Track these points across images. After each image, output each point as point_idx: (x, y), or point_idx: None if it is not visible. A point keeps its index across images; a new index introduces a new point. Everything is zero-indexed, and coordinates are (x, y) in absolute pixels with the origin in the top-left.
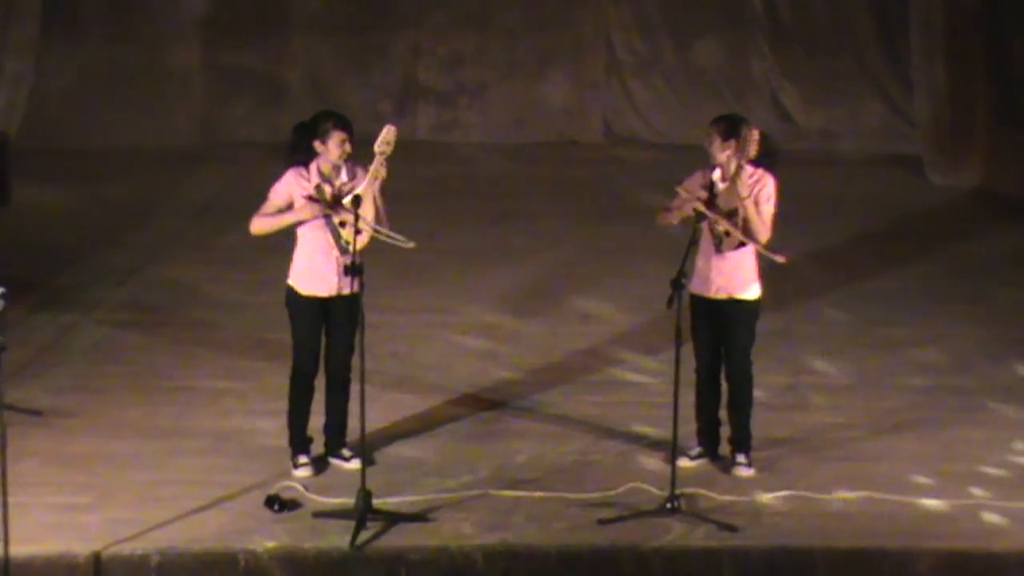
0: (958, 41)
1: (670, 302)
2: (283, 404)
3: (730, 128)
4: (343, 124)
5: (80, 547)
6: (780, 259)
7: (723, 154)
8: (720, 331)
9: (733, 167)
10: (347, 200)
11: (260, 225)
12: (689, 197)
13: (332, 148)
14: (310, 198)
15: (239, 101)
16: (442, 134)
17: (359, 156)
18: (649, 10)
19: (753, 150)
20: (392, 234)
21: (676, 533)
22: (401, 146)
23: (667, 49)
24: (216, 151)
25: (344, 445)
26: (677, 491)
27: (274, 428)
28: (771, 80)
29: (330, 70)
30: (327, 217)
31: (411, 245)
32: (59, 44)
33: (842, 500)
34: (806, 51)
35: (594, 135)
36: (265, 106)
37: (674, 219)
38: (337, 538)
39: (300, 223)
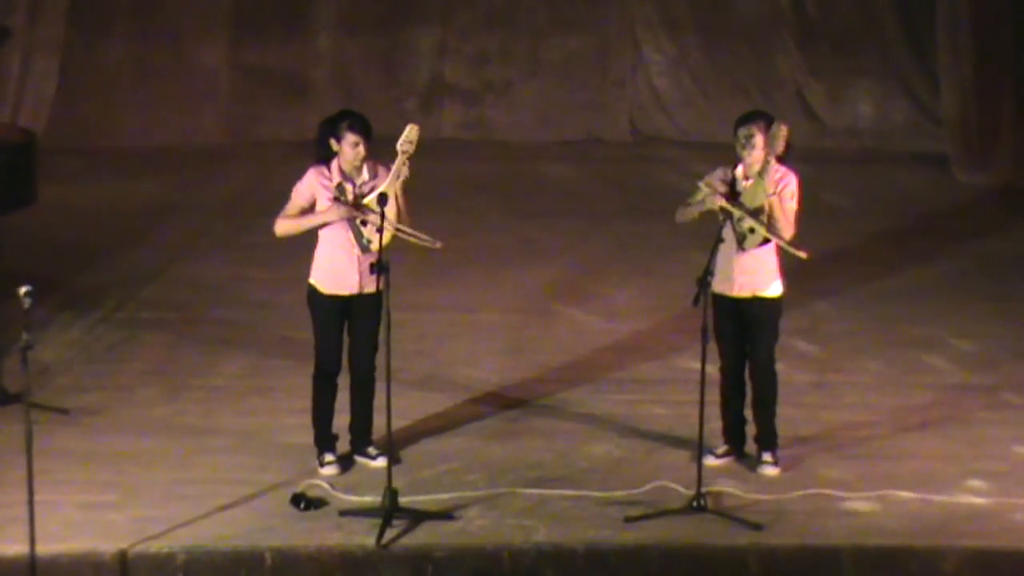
0: (985, 38)
1: (696, 300)
2: (309, 402)
3: (769, 126)
4: (358, 127)
5: (106, 545)
6: (803, 255)
7: (758, 153)
8: (744, 329)
9: (759, 164)
10: (371, 198)
11: (284, 227)
12: (711, 192)
13: (346, 149)
14: (336, 199)
15: (265, 99)
16: (468, 132)
17: (383, 154)
18: (675, 8)
19: (781, 147)
20: (419, 234)
21: (702, 532)
22: (427, 144)
23: (693, 47)
24: (242, 149)
25: (370, 443)
26: (703, 489)
27: (300, 426)
28: (797, 78)
29: (356, 68)
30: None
31: (439, 245)
32: (85, 42)
33: (868, 498)
34: (832, 48)
35: (620, 133)
36: (291, 104)
37: (694, 214)
38: (363, 536)
39: (324, 225)
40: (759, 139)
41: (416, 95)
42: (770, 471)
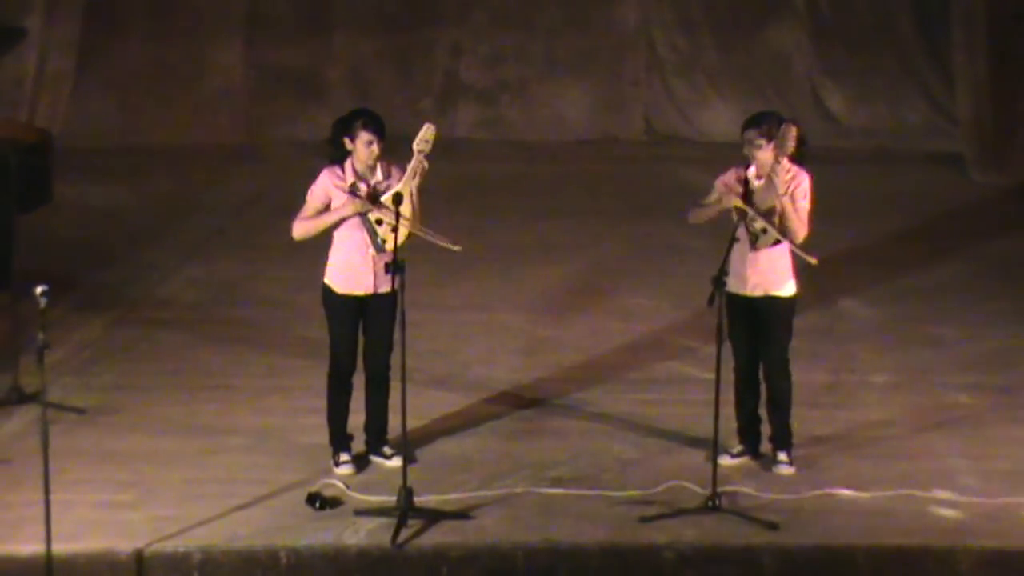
0: (1000, 37)
1: (711, 300)
2: (324, 402)
3: (773, 128)
4: (372, 126)
5: (122, 544)
6: (813, 260)
7: (767, 154)
8: (757, 329)
9: (768, 167)
10: (386, 197)
11: (302, 228)
12: (726, 191)
13: (359, 148)
14: (352, 192)
15: (281, 99)
16: (483, 132)
17: (399, 154)
18: (690, 7)
19: (791, 147)
20: (438, 236)
21: (717, 531)
22: (442, 144)
23: (708, 47)
24: (258, 149)
25: (385, 443)
26: (718, 489)
27: (316, 426)
28: (813, 78)
29: (372, 68)
30: (363, 216)
31: (458, 248)
32: (101, 42)
33: (884, 498)
34: (848, 48)
35: (635, 133)
36: (307, 104)
37: (708, 215)
38: (378, 536)
39: (342, 220)
40: (763, 143)
41: (432, 95)
42: (785, 470)
